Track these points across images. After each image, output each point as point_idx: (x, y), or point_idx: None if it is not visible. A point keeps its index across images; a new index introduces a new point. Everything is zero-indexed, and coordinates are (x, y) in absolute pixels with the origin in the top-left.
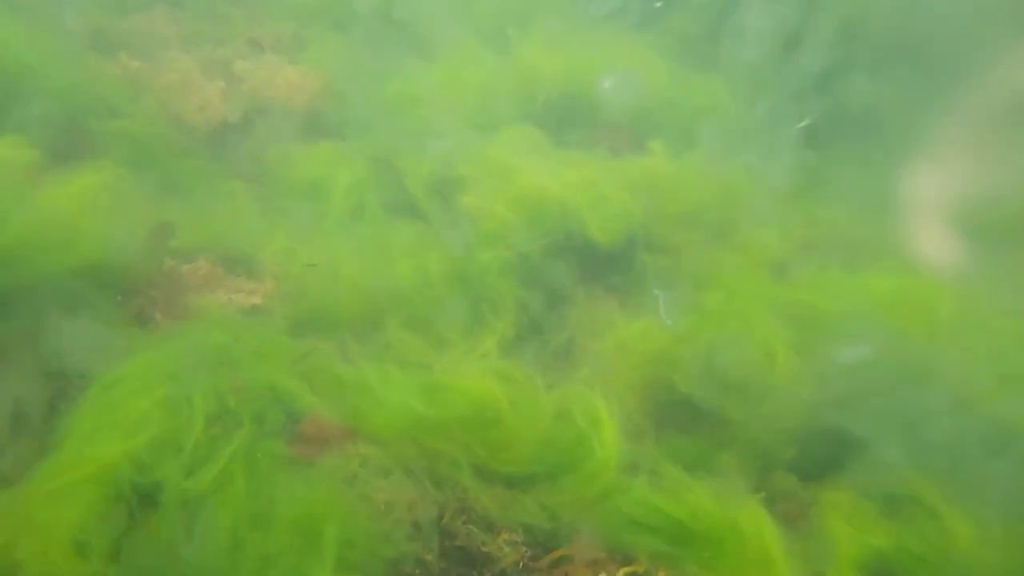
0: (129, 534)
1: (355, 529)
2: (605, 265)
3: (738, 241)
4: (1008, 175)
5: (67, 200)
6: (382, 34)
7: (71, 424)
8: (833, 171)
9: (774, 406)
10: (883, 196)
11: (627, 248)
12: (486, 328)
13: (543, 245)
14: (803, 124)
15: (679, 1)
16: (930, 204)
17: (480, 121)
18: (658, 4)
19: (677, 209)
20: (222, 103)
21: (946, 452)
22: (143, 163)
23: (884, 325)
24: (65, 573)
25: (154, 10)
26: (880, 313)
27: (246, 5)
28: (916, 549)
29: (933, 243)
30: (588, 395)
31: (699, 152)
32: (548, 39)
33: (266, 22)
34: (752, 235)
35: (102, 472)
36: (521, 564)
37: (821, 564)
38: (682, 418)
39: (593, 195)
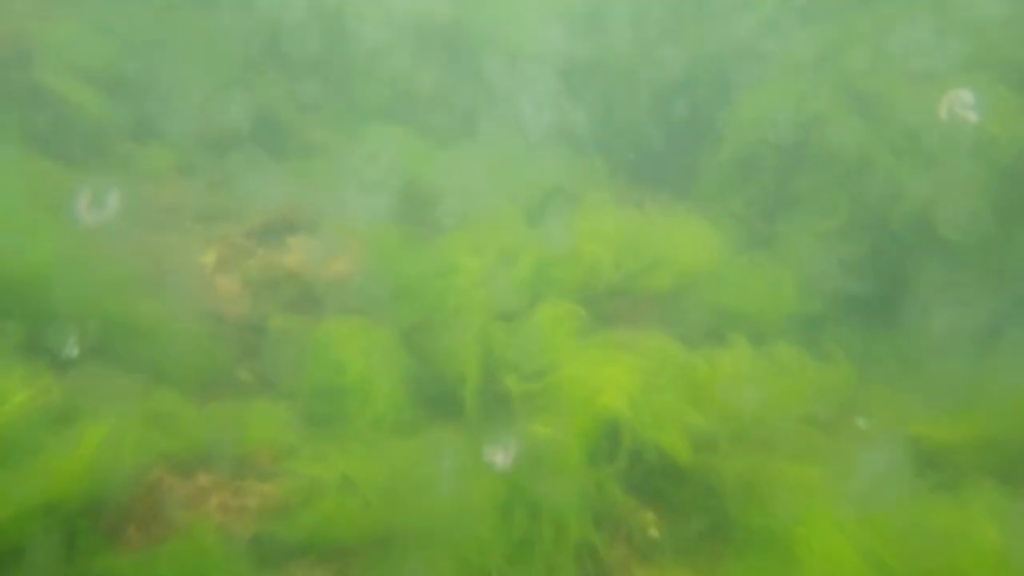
0: None
1: None
2: (683, 492)
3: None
4: None
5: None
6: (410, 207)
7: None
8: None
9: None
10: None
11: (709, 467)
12: None
13: (611, 472)
14: None
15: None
16: None
17: (521, 300)
18: None
19: (759, 412)
20: (241, 287)
21: None
22: (155, 360)
23: None
24: None
25: (168, 180)
26: None
27: (265, 171)
28: None
29: None
30: None
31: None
32: (591, 215)
33: (286, 191)
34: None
35: None
36: None
37: None
38: None
39: (659, 401)
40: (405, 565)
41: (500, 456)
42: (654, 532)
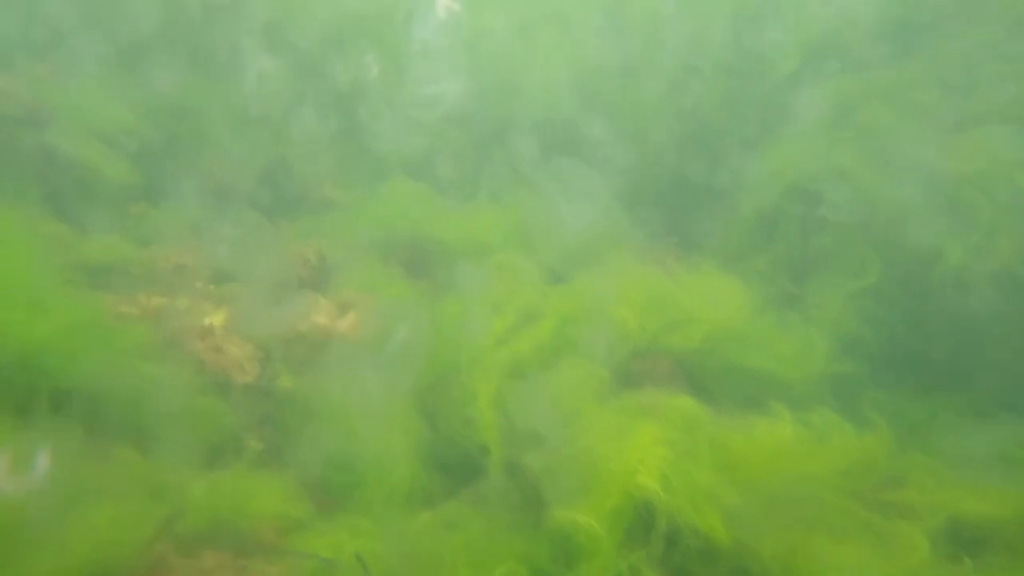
0: None
1: None
2: (717, 573)
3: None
4: None
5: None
6: (426, 264)
7: None
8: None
9: None
10: None
11: (744, 545)
12: None
13: (643, 556)
14: None
15: (746, 229)
16: None
17: (542, 360)
18: None
19: (796, 484)
20: (251, 349)
21: None
22: (162, 429)
23: None
24: None
25: (179, 241)
26: None
27: (277, 230)
28: None
29: None
30: None
31: (811, 410)
32: (614, 272)
33: (297, 250)
34: (891, 528)
35: None
36: None
37: None
38: None
39: (692, 477)
40: None
41: None
42: None
